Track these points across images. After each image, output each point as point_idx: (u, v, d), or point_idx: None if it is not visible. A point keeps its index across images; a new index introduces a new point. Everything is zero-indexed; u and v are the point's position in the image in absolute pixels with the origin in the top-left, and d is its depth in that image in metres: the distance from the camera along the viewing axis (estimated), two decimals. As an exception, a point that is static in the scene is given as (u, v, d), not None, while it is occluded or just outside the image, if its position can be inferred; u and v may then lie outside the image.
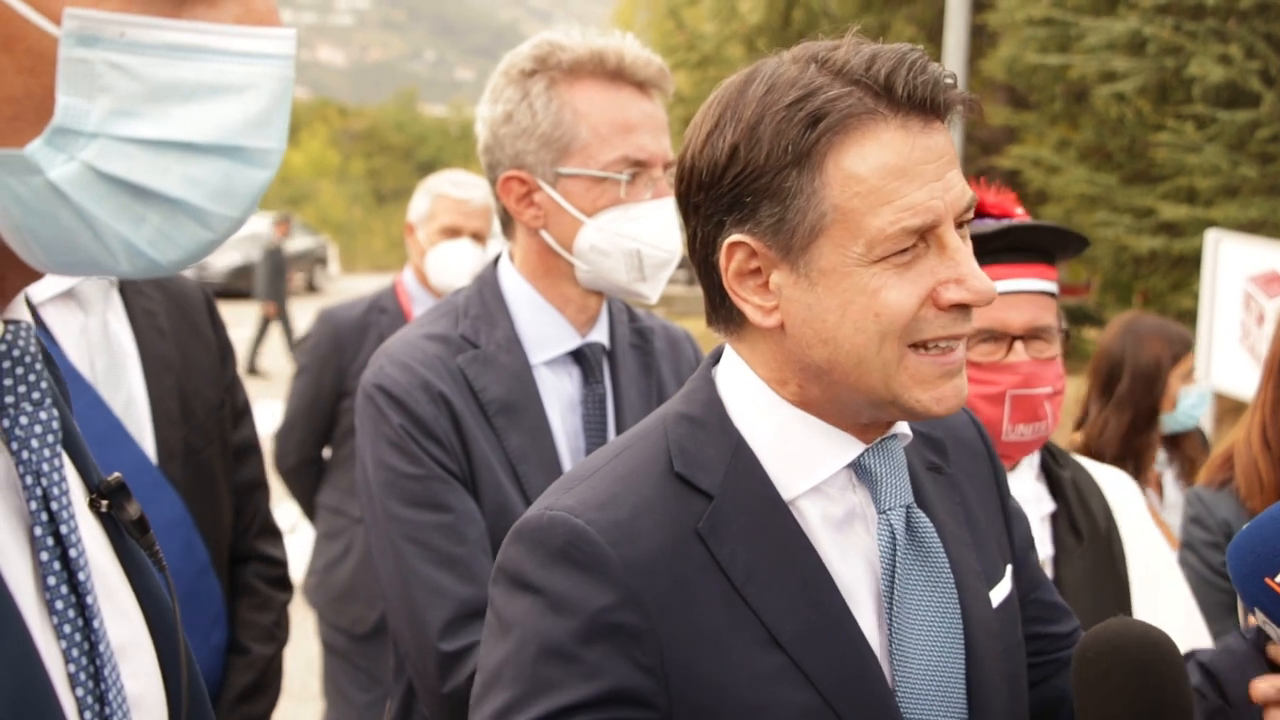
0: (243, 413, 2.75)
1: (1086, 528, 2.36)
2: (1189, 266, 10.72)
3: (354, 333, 4.38)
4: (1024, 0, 12.35)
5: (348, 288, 26.77)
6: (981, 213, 2.31)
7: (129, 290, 2.53)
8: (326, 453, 4.53)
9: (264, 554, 2.74)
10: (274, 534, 2.80)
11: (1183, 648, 2.39)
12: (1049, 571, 2.33)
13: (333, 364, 4.37)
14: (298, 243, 29.38)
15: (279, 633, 2.70)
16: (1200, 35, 10.51)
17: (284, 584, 2.77)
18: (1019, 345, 2.22)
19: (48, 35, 0.87)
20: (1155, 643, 1.38)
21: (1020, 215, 2.34)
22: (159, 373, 2.49)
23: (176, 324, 2.58)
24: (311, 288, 28.96)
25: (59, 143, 0.88)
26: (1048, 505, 2.37)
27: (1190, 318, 9.81)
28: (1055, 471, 2.40)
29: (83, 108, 0.87)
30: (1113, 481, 2.52)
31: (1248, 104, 10.44)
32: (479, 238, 4.55)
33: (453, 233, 4.51)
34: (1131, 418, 3.83)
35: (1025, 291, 2.23)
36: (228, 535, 2.65)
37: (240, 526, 2.70)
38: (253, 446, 2.76)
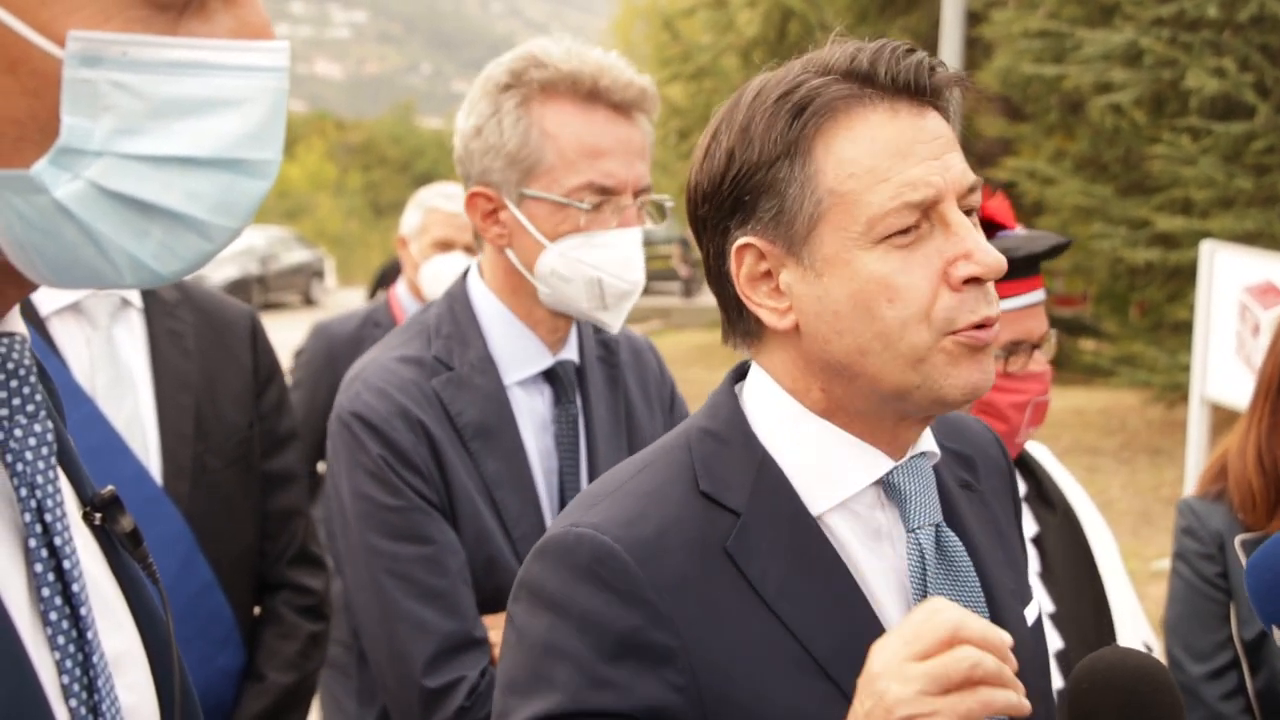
0: (283, 441, 2.73)
1: (1055, 498, 2.47)
2: (1185, 278, 10.73)
3: (348, 346, 4.36)
4: (1020, 12, 12.40)
5: (345, 300, 26.75)
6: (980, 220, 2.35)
7: (156, 310, 2.53)
8: (321, 467, 4.52)
9: (296, 583, 2.71)
10: (311, 563, 2.76)
11: (1127, 594, 2.51)
12: (1035, 551, 2.39)
13: (327, 378, 4.34)
14: (294, 256, 29.37)
15: (303, 662, 2.66)
16: (1196, 47, 10.55)
17: (314, 613, 2.72)
18: (1036, 353, 2.32)
19: (51, 57, 0.87)
20: (1151, 673, 1.37)
21: (1015, 225, 2.40)
22: (174, 391, 2.49)
23: (207, 345, 2.59)
24: (309, 301, 28.93)
25: (64, 162, 0.88)
26: (1021, 486, 2.46)
27: (1186, 329, 9.83)
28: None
29: (87, 127, 0.88)
30: (1040, 451, 2.61)
31: (1243, 116, 10.48)
32: (472, 250, 4.55)
33: (445, 246, 4.51)
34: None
35: (1038, 303, 2.34)
36: (250, 560, 2.63)
37: (273, 554, 2.69)
38: (291, 475, 2.74)
